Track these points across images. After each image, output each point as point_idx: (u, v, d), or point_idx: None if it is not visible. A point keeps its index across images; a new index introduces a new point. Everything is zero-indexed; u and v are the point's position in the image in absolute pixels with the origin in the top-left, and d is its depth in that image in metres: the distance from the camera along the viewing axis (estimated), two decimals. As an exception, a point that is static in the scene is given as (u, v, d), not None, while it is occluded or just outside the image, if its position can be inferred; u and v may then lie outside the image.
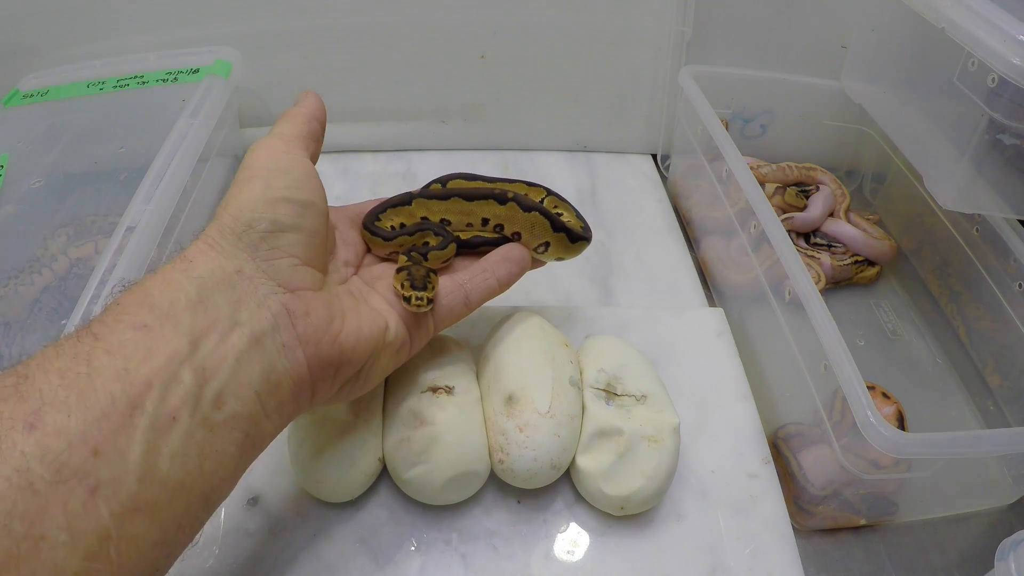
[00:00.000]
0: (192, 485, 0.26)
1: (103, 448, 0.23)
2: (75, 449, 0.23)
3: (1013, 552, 0.33)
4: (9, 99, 0.62)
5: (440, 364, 0.43)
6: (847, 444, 0.40)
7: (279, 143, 0.34)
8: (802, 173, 0.68)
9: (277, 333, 0.30)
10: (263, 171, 0.32)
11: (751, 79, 0.67)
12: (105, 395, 0.24)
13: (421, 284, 0.36)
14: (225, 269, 0.29)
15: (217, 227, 0.31)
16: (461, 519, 0.42)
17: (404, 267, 0.37)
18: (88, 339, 0.25)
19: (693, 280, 0.62)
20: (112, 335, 0.26)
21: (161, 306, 0.27)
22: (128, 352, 0.25)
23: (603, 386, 0.44)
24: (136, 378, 0.25)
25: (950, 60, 0.46)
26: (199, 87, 0.59)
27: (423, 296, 0.35)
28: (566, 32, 0.69)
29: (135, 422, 0.24)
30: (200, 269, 0.29)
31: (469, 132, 0.75)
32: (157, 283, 0.28)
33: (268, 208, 0.31)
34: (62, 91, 0.62)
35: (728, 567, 0.40)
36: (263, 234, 0.31)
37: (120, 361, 0.25)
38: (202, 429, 0.26)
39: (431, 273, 0.37)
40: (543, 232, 0.43)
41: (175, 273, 0.29)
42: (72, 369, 0.24)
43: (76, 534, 0.22)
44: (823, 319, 0.42)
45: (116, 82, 0.61)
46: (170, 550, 0.26)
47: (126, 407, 0.24)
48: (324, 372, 0.32)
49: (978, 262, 0.55)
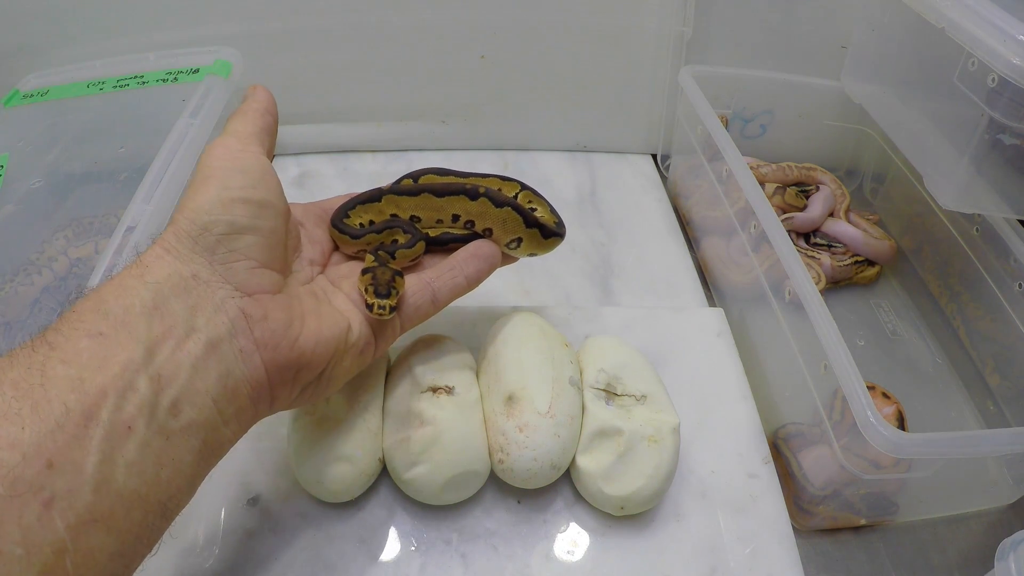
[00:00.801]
0: (149, 495, 0.26)
1: (57, 460, 0.23)
2: (29, 462, 0.22)
3: (1013, 552, 0.33)
4: (9, 99, 0.61)
5: (440, 364, 0.43)
6: (847, 444, 0.40)
7: (234, 141, 0.33)
8: (802, 173, 0.68)
9: (234, 338, 0.29)
10: (219, 171, 0.32)
11: (751, 79, 0.67)
12: (59, 406, 0.24)
13: (385, 291, 0.35)
14: (181, 274, 0.29)
15: (173, 231, 0.30)
16: (461, 519, 0.42)
17: (369, 268, 0.36)
18: (43, 348, 0.25)
19: (693, 280, 0.62)
20: (67, 343, 0.25)
21: (116, 313, 0.27)
22: (83, 361, 0.25)
23: (603, 386, 0.44)
24: (91, 387, 0.24)
25: (950, 60, 0.46)
26: (199, 87, 0.59)
27: (385, 304, 0.34)
28: (566, 32, 0.69)
29: (90, 433, 0.24)
30: (156, 274, 0.29)
31: (469, 132, 0.75)
32: (112, 289, 0.28)
33: (224, 210, 0.31)
34: (62, 91, 0.62)
35: (728, 567, 0.40)
36: (219, 237, 0.30)
37: (75, 370, 0.25)
38: (158, 438, 0.26)
39: (396, 276, 0.36)
40: (516, 228, 0.42)
41: (130, 279, 0.28)
42: (26, 380, 0.24)
43: (31, 548, 0.22)
44: (823, 319, 0.42)
45: (116, 82, 0.61)
46: (128, 561, 0.26)
47: (80, 417, 0.24)
48: (283, 376, 0.32)
49: (978, 262, 0.55)
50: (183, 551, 0.39)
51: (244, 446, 0.43)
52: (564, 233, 0.46)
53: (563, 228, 0.46)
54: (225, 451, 0.30)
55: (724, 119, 0.68)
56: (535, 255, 0.45)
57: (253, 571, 0.39)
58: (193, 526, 0.40)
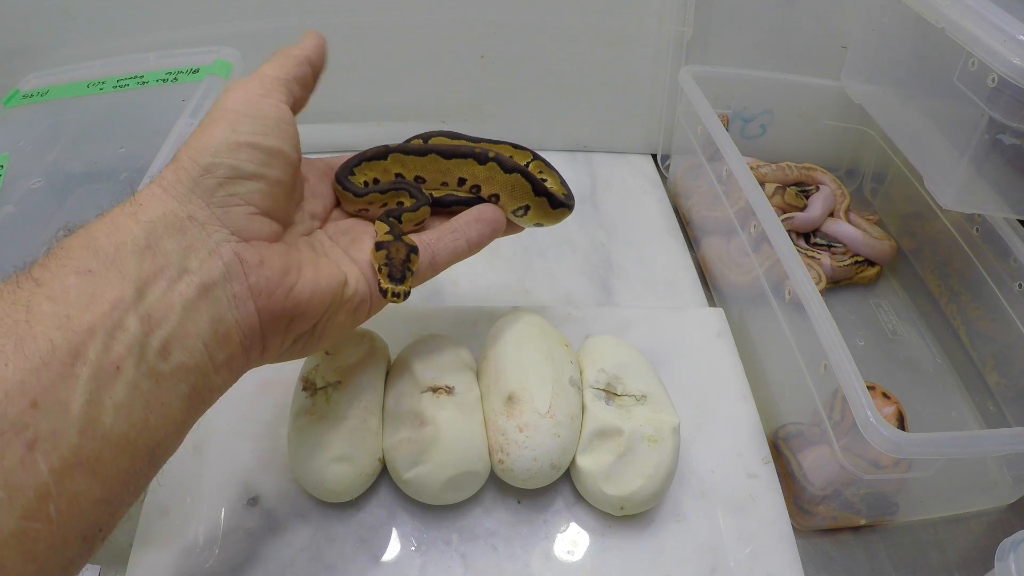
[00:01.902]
0: (137, 439, 0.25)
1: (42, 399, 0.22)
2: (12, 400, 0.22)
3: (1013, 552, 0.33)
4: (9, 99, 0.61)
5: (440, 364, 0.43)
6: (847, 444, 0.40)
7: (256, 85, 0.32)
8: (802, 173, 0.68)
9: (228, 283, 0.29)
10: (231, 113, 0.31)
11: (751, 79, 0.67)
12: (45, 343, 0.23)
13: (400, 274, 0.34)
14: (177, 214, 0.28)
15: (173, 169, 0.29)
16: (461, 519, 0.42)
17: (383, 244, 0.35)
18: (28, 284, 0.24)
19: (693, 280, 0.62)
20: (54, 280, 0.25)
21: (106, 251, 0.26)
22: (70, 298, 0.24)
23: (603, 386, 0.44)
24: (78, 325, 0.24)
25: (950, 60, 0.46)
26: (199, 87, 0.59)
27: (400, 290, 0.34)
28: (566, 32, 0.69)
29: (77, 372, 0.23)
30: (150, 213, 0.28)
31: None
32: (103, 227, 0.27)
33: (229, 153, 0.30)
34: (62, 91, 0.62)
35: (728, 567, 0.40)
36: (221, 180, 0.29)
37: (62, 308, 0.24)
38: (148, 380, 0.25)
39: (412, 254, 0.35)
40: (524, 195, 0.41)
41: (123, 216, 0.27)
42: (10, 316, 0.23)
43: (13, 491, 0.21)
44: (823, 319, 0.42)
45: (116, 82, 0.61)
46: (114, 508, 0.25)
47: (67, 356, 0.23)
48: (276, 325, 0.31)
49: (978, 262, 0.55)
50: (183, 551, 0.39)
51: (244, 446, 0.44)
52: (573, 205, 0.44)
53: (572, 200, 0.45)
54: (214, 399, 0.30)
55: (724, 119, 0.68)
56: (541, 225, 0.44)
57: (253, 571, 0.39)
58: (193, 526, 0.40)
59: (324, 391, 0.41)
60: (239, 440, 0.44)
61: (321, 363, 0.43)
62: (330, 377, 0.42)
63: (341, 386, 0.42)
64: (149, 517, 0.40)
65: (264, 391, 0.47)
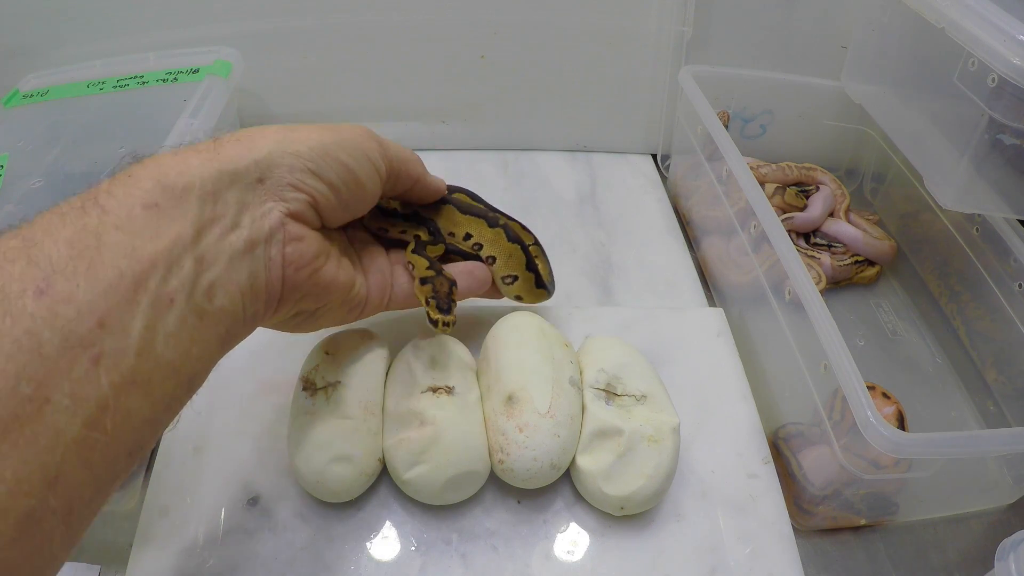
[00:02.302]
0: (181, 367, 0.27)
1: (108, 320, 0.24)
2: (83, 318, 0.23)
3: (1013, 552, 0.33)
4: (9, 99, 0.61)
5: (440, 364, 0.43)
6: (847, 444, 0.40)
7: (375, 142, 0.37)
8: (802, 173, 0.68)
9: (269, 246, 0.31)
10: (344, 134, 0.35)
11: (751, 79, 0.67)
12: (113, 269, 0.24)
13: (446, 305, 0.38)
14: (249, 172, 0.30)
15: (273, 137, 0.32)
16: (461, 519, 0.42)
17: (427, 279, 0.40)
18: (95, 212, 0.26)
19: (693, 280, 0.62)
20: (120, 209, 0.26)
21: (175, 188, 0.27)
22: (136, 229, 0.26)
23: (603, 386, 0.44)
24: (142, 256, 0.25)
25: (950, 60, 0.46)
26: (199, 87, 0.59)
27: (449, 320, 0.38)
28: (566, 32, 0.69)
29: (138, 299, 0.25)
30: (224, 163, 0.30)
31: (469, 132, 0.75)
32: (175, 164, 0.28)
33: (323, 158, 0.33)
34: (62, 91, 0.62)
35: (728, 567, 0.40)
36: (302, 172, 0.32)
37: (128, 238, 0.25)
38: (193, 316, 0.27)
39: (453, 287, 0.40)
40: (517, 266, 0.46)
41: (197, 159, 0.29)
42: (81, 241, 0.25)
43: (78, 401, 0.23)
44: (823, 319, 0.42)
45: (116, 82, 0.61)
46: (155, 428, 0.27)
47: (131, 283, 0.25)
48: (291, 296, 0.33)
49: (978, 262, 0.55)
50: (183, 551, 0.39)
51: (244, 446, 0.44)
52: (553, 291, 0.50)
53: (552, 287, 0.50)
54: (235, 344, 0.32)
55: (724, 115, 0.68)
56: (520, 299, 0.48)
57: (253, 571, 0.39)
58: (193, 526, 0.40)
59: (324, 391, 0.41)
60: (239, 440, 0.44)
61: (321, 363, 0.43)
62: (330, 377, 0.42)
63: (341, 386, 0.42)
64: (149, 517, 0.40)
65: (264, 391, 0.47)
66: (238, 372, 0.48)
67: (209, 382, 0.47)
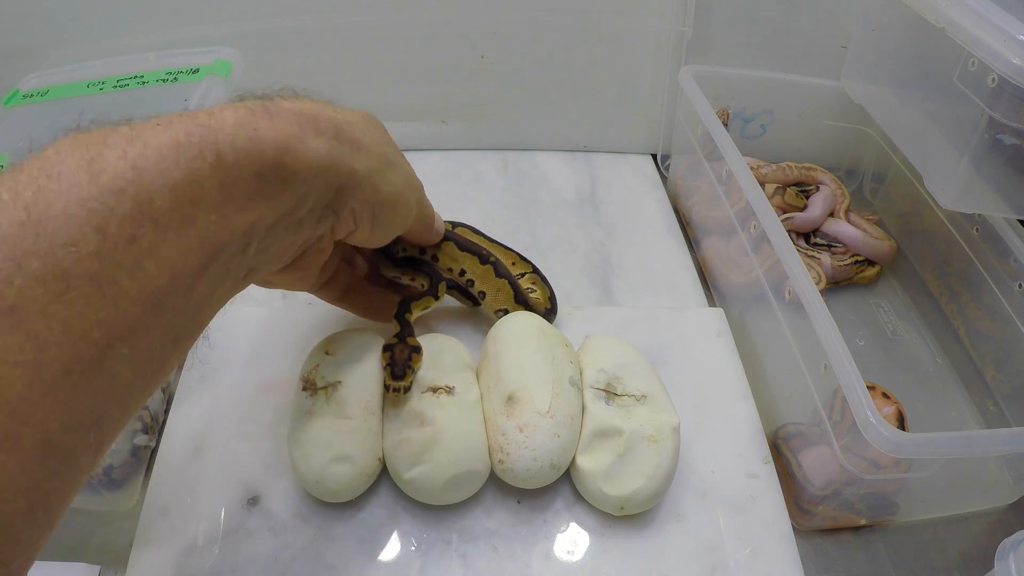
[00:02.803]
0: (204, 322, 0.29)
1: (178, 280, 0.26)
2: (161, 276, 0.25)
3: (1013, 552, 0.33)
4: (9, 99, 0.61)
5: (440, 364, 0.43)
6: (847, 444, 0.40)
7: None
8: (802, 173, 0.68)
9: (305, 246, 0.34)
10: (409, 189, 0.38)
11: (751, 79, 0.67)
12: (196, 236, 0.26)
13: (401, 372, 0.40)
14: (337, 182, 0.32)
15: (374, 152, 0.34)
16: (461, 519, 0.42)
17: (389, 346, 0.41)
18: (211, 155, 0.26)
19: (693, 280, 0.62)
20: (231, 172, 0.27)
21: (284, 169, 0.28)
22: (236, 198, 0.27)
23: (603, 386, 0.44)
24: (229, 226, 0.27)
25: (950, 60, 0.46)
26: (199, 87, 0.59)
27: (400, 387, 0.40)
28: (566, 32, 0.69)
29: (207, 267, 0.27)
30: (333, 160, 0.31)
31: (469, 132, 0.74)
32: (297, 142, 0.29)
33: (382, 207, 0.35)
34: (62, 91, 0.61)
35: (728, 567, 0.40)
36: (364, 205, 0.34)
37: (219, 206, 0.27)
38: (230, 284, 0.29)
39: (414, 354, 0.41)
40: (506, 300, 0.48)
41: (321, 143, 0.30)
42: (186, 192, 0.25)
43: (136, 352, 0.24)
44: (823, 319, 0.42)
45: (116, 82, 0.61)
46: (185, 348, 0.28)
47: (210, 250, 0.27)
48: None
49: (978, 262, 0.55)
50: (183, 551, 0.39)
51: (244, 446, 0.44)
52: (549, 318, 0.50)
53: (552, 312, 0.51)
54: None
55: (724, 113, 0.68)
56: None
57: (253, 571, 0.39)
58: (193, 526, 0.40)
59: (324, 391, 0.41)
60: (239, 440, 0.44)
61: (321, 363, 0.43)
62: (330, 377, 0.42)
63: (341, 386, 0.42)
64: (149, 517, 0.40)
65: (264, 391, 0.47)
66: (238, 372, 0.48)
67: (210, 382, 0.47)
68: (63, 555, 0.41)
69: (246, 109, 0.27)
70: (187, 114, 0.26)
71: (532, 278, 0.53)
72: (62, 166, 0.22)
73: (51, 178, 0.22)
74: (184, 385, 0.47)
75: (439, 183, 0.70)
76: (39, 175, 0.22)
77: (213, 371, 0.48)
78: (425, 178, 0.49)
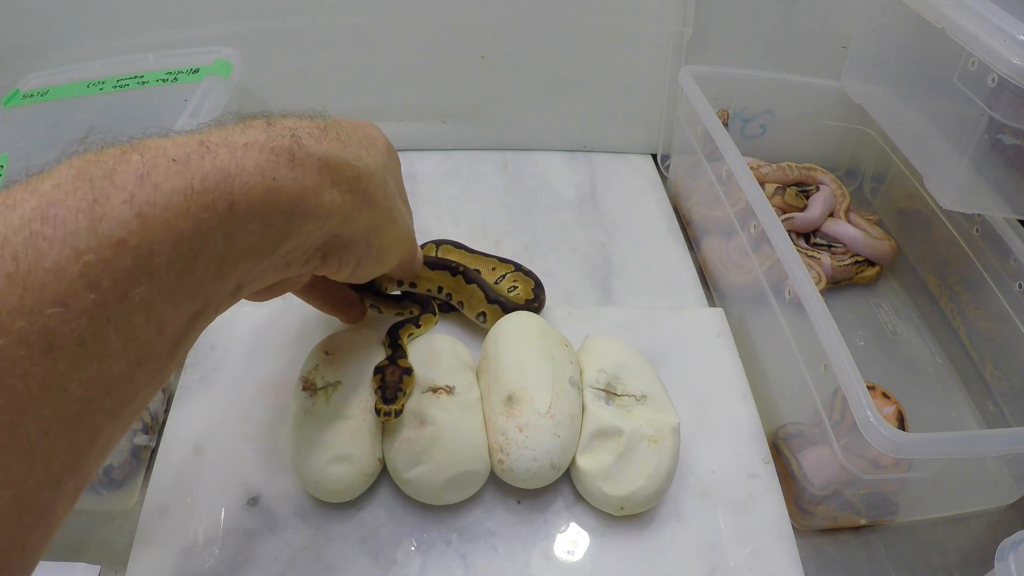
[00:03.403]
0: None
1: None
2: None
3: (1013, 552, 0.33)
4: (9, 99, 0.61)
5: (440, 364, 0.43)
6: (847, 444, 0.40)
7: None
8: (802, 173, 0.68)
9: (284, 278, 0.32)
10: (406, 245, 0.38)
11: (751, 79, 0.67)
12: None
13: (392, 396, 0.39)
14: (326, 227, 0.30)
15: (378, 205, 0.32)
16: (461, 519, 0.42)
17: (380, 368, 0.41)
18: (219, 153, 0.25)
19: (693, 280, 0.62)
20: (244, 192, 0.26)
21: (297, 209, 0.28)
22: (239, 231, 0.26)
23: (603, 386, 0.44)
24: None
25: (950, 60, 0.46)
26: (199, 87, 0.59)
27: (391, 410, 0.39)
28: (566, 32, 0.69)
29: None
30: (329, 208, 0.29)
31: (469, 132, 0.75)
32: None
33: (376, 260, 0.35)
34: (62, 91, 0.61)
35: (728, 567, 0.40)
36: (356, 252, 0.33)
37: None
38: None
39: (404, 376, 0.41)
40: (479, 303, 0.49)
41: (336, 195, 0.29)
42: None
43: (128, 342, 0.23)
44: (823, 319, 0.42)
45: (116, 82, 0.61)
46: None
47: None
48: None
49: (978, 262, 0.55)
50: (183, 551, 0.39)
51: (244, 446, 0.44)
52: (534, 308, 0.50)
53: (534, 304, 0.51)
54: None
55: (724, 112, 0.68)
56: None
57: (253, 571, 0.39)
58: (193, 526, 0.40)
59: (324, 391, 0.41)
60: (239, 440, 0.44)
61: (321, 363, 0.43)
62: (330, 377, 0.42)
63: (341, 386, 0.42)
64: (149, 517, 0.40)
65: (264, 391, 0.47)
66: (238, 372, 0.48)
67: (210, 382, 0.47)
68: (63, 555, 0.41)
69: (270, 154, 0.26)
70: (206, 147, 0.24)
71: (514, 276, 0.54)
72: (60, 208, 0.20)
73: (46, 222, 0.20)
74: (184, 385, 0.47)
75: (439, 183, 0.70)
76: (33, 217, 0.20)
77: (213, 371, 0.48)
78: (425, 178, 0.49)
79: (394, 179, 0.36)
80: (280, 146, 0.26)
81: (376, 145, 0.33)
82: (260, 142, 0.26)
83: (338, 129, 0.30)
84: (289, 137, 0.27)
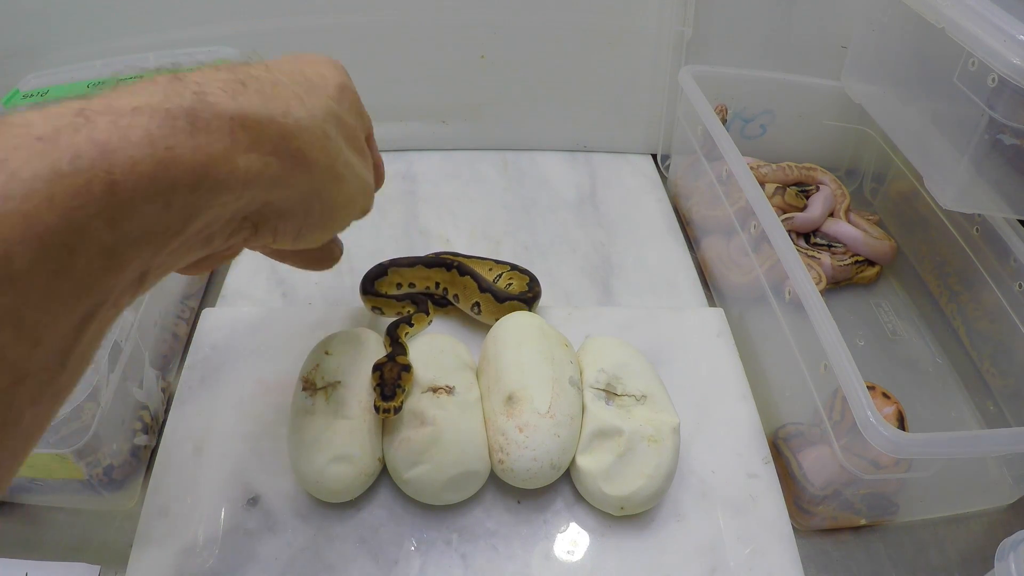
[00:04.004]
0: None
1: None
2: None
3: (1013, 552, 0.33)
4: (9, 99, 0.61)
5: (440, 364, 0.43)
6: (847, 444, 0.40)
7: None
8: (802, 173, 0.68)
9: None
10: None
11: (751, 79, 0.67)
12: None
13: (391, 392, 0.40)
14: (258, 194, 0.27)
15: (316, 176, 0.28)
16: (461, 519, 0.42)
17: (379, 366, 0.41)
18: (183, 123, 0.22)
19: (693, 280, 0.62)
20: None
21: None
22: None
23: (603, 386, 0.44)
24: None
25: (950, 60, 0.46)
26: (199, 87, 0.59)
27: (390, 407, 0.39)
28: (566, 32, 0.69)
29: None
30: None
31: (469, 132, 0.75)
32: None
33: (309, 228, 0.31)
34: (62, 91, 0.61)
35: (728, 567, 0.40)
36: (292, 222, 0.29)
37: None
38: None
39: (403, 372, 0.41)
40: (473, 294, 0.51)
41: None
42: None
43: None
44: (823, 319, 0.42)
45: (116, 82, 0.61)
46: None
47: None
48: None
49: (978, 262, 0.55)
50: (183, 551, 0.39)
51: (244, 446, 0.44)
52: (528, 299, 0.51)
53: (527, 295, 0.52)
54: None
55: (722, 108, 0.68)
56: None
57: (253, 571, 0.39)
58: (193, 526, 0.40)
59: (324, 391, 0.41)
60: (239, 440, 0.44)
61: (321, 363, 0.43)
62: (330, 377, 0.42)
63: (341, 386, 0.42)
64: (149, 517, 0.40)
65: (264, 391, 0.47)
66: (238, 372, 0.48)
67: (210, 382, 0.47)
68: (63, 555, 0.41)
69: (164, 118, 0.21)
70: (84, 117, 0.20)
71: (510, 275, 0.56)
72: None
73: None
74: (184, 385, 0.47)
75: (439, 183, 0.70)
76: None
77: (213, 371, 0.48)
78: (425, 178, 0.49)
79: (343, 127, 0.30)
80: (178, 107, 0.22)
81: (319, 89, 0.29)
82: (153, 104, 0.22)
83: (265, 78, 0.26)
84: (191, 95, 0.23)
